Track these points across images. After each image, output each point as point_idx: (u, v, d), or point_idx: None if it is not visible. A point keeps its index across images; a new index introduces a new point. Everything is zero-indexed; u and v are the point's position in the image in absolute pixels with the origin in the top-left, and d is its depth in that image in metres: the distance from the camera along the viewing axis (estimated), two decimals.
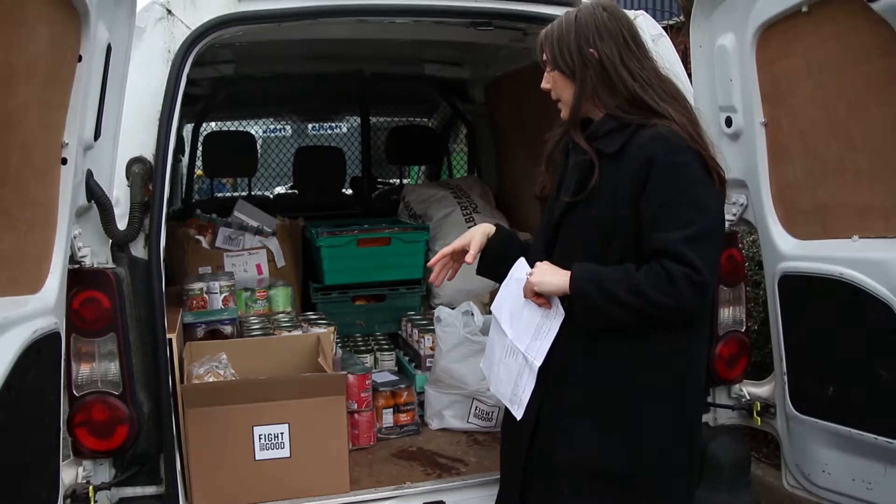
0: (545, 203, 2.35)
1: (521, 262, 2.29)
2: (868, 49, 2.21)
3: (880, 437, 2.36)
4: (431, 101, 5.87)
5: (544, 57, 2.22)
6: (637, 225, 2.05)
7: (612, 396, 2.11)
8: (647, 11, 3.18)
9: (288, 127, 7.39)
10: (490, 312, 4.03)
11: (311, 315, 3.59)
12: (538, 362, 2.18)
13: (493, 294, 4.14)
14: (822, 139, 2.43)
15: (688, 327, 2.12)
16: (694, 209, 2.01)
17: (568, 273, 2.10)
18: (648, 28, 2.91)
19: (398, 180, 6.23)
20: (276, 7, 2.69)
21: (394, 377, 3.49)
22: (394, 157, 5.95)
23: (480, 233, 2.45)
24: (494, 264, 2.46)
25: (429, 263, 2.62)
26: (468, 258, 2.41)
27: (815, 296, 2.53)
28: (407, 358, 3.75)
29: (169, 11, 2.59)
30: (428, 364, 3.52)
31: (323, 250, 3.91)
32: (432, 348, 3.49)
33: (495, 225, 2.51)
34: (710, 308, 2.29)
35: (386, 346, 3.73)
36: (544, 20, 2.82)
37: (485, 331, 3.37)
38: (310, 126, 7.38)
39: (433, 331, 3.44)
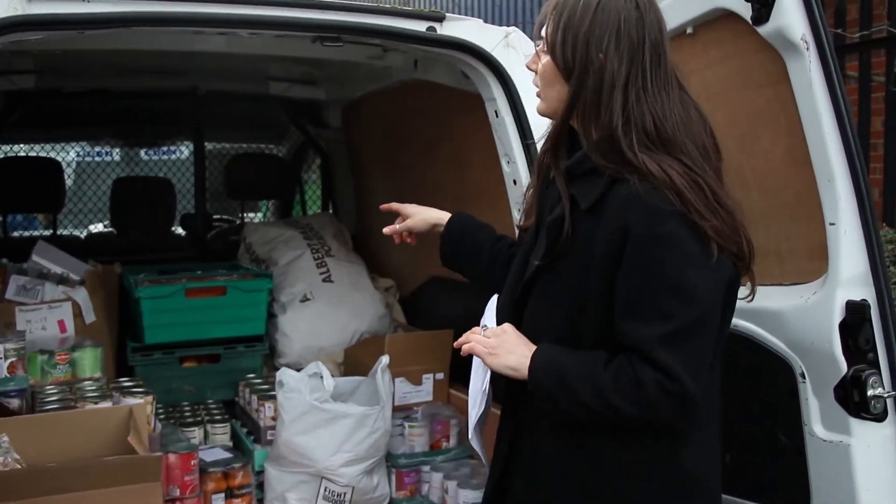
0: (525, 235, 2.23)
1: (493, 305, 2.26)
2: (757, 75, 2.32)
3: None
4: (279, 126, 5.82)
5: (543, 32, 2.01)
6: (612, 307, 1.89)
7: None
8: (528, 24, 3.23)
9: (115, 153, 7.15)
10: (344, 373, 4.00)
11: (126, 382, 3.43)
12: (471, 435, 2.18)
13: (347, 352, 4.12)
14: None
15: (677, 433, 1.96)
16: (676, 298, 1.82)
17: (529, 353, 1.98)
18: (521, 47, 2.96)
19: (240, 218, 6.11)
20: (76, 12, 2.55)
21: (227, 454, 3.37)
22: (234, 191, 5.84)
23: (423, 218, 2.54)
24: (455, 260, 2.51)
25: (383, 206, 2.69)
26: (386, 229, 2.55)
27: None
28: (245, 430, 3.65)
29: None
30: (269, 437, 3.43)
31: (143, 302, 3.78)
32: (274, 418, 3.40)
33: (455, 214, 2.53)
34: (716, 404, 2.07)
35: (219, 417, 3.62)
36: (404, 36, 2.83)
37: (336, 396, 3.31)
38: (143, 152, 7.16)
39: (276, 398, 3.34)
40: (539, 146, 2.29)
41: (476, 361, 2.18)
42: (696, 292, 1.82)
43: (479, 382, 2.18)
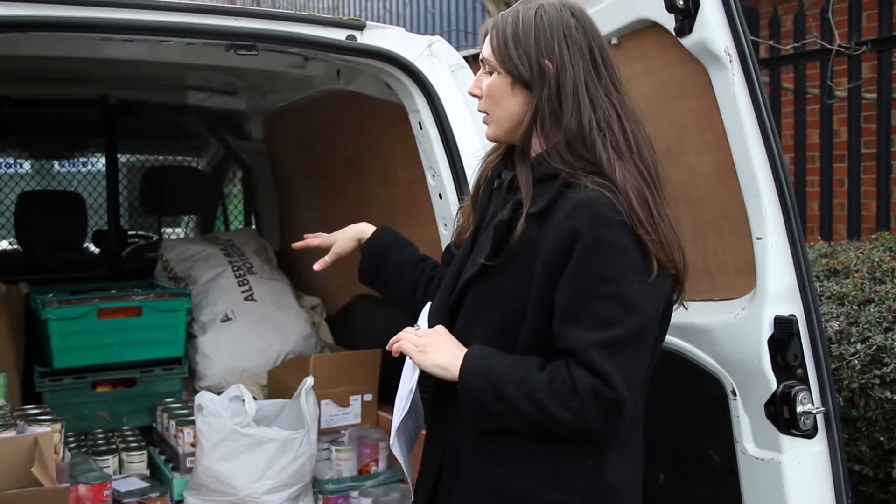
0: (458, 249, 2.27)
1: (427, 311, 2.26)
2: (682, 88, 2.37)
3: None
4: (198, 137, 5.78)
5: (487, 53, 2.05)
6: (551, 313, 1.93)
7: None
8: (450, 34, 3.27)
9: (21, 165, 6.99)
10: (268, 396, 3.98)
11: (32, 409, 3.37)
12: (392, 440, 2.18)
13: (271, 374, 4.11)
14: None
15: (600, 442, 2.00)
16: (617, 306, 1.87)
17: (461, 354, 2.00)
18: (446, 57, 2.99)
19: (157, 234, 6.05)
20: None
21: (144, 483, 3.36)
22: (151, 205, 5.78)
23: (347, 238, 2.52)
24: (375, 276, 2.50)
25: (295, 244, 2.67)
26: (315, 266, 2.47)
27: None
28: (163, 458, 3.63)
29: None
30: (189, 464, 3.41)
31: (51, 324, 3.73)
32: (193, 444, 3.38)
33: (382, 230, 2.53)
34: (639, 416, 2.11)
35: (135, 444, 3.60)
36: (322, 45, 2.84)
37: (259, 420, 3.30)
38: (52, 165, 7.03)
39: (195, 422, 3.32)
40: (473, 161, 2.34)
41: (407, 364, 2.19)
42: (637, 302, 1.88)
43: (406, 384, 2.18)
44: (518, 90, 2.01)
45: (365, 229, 2.54)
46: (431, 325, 2.19)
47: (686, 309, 2.12)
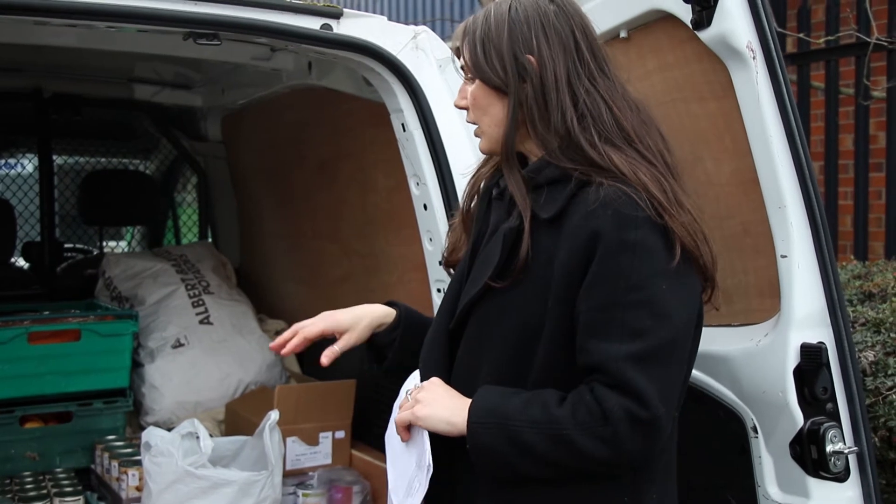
0: (453, 271, 2.28)
1: (415, 377, 2.22)
2: (699, 87, 2.42)
3: None
4: (147, 137, 5.79)
5: (461, 61, 2.13)
6: (572, 326, 1.94)
7: None
8: (436, 24, 3.30)
9: None
10: (226, 432, 3.99)
11: None
12: None
13: (229, 408, 4.12)
14: None
15: (633, 472, 2.00)
16: (647, 314, 1.89)
17: (465, 406, 2.00)
18: (433, 50, 3.02)
19: (98, 247, 6.05)
20: None
21: None
22: (91, 215, 5.78)
23: (365, 325, 2.36)
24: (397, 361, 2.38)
25: (273, 344, 2.45)
26: (324, 359, 2.32)
27: None
28: None
29: None
30: None
31: None
32: (139, 488, 3.39)
33: (393, 306, 2.41)
34: (673, 456, 2.12)
35: (69, 489, 3.59)
36: (293, 34, 2.87)
37: (216, 460, 3.31)
38: None
39: (141, 463, 3.33)
40: (463, 170, 2.35)
41: (396, 444, 2.18)
42: (670, 310, 1.91)
43: (411, 460, 2.14)
44: (499, 95, 2.06)
45: (385, 312, 2.42)
46: (428, 362, 2.19)
47: (718, 310, 2.13)
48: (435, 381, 2.10)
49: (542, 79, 2.01)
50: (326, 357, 2.33)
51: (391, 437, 2.23)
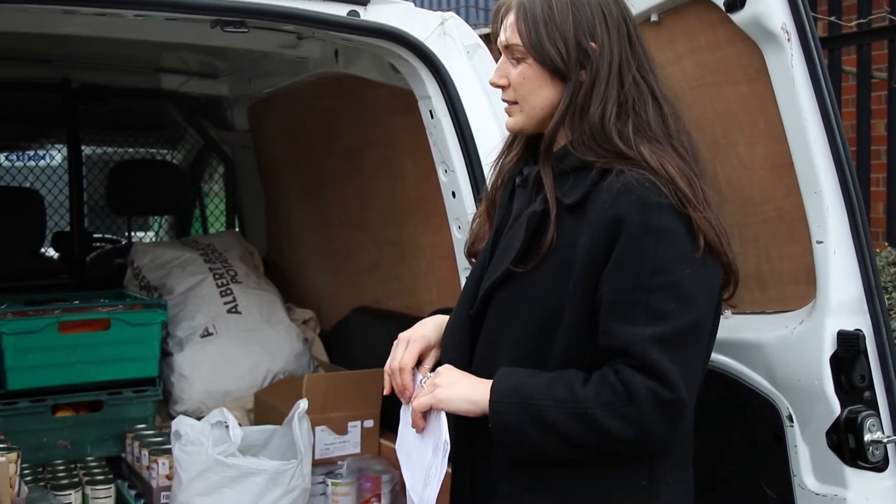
0: (476, 260, 2.29)
1: (418, 375, 2.22)
2: (732, 71, 2.38)
3: None
4: (174, 127, 5.81)
5: (516, 39, 2.07)
6: (593, 311, 1.97)
7: None
8: (464, 10, 3.27)
9: None
10: (255, 421, 3.99)
11: None
12: None
13: (258, 397, 4.13)
14: None
15: (650, 457, 2.04)
16: (671, 297, 1.91)
17: (487, 387, 2.01)
18: (461, 36, 3.00)
19: (126, 237, 6.08)
20: None
21: None
22: (119, 205, 5.81)
23: (435, 336, 2.27)
24: None
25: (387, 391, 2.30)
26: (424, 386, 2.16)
27: None
28: (133, 492, 3.63)
29: None
30: (164, 499, 3.41)
31: (5, 339, 3.73)
32: (170, 477, 3.39)
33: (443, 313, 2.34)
34: (691, 439, 2.17)
35: (101, 478, 3.58)
36: (320, 21, 2.86)
37: (245, 449, 3.31)
38: (3, 157, 7.07)
39: (171, 452, 3.33)
40: (490, 157, 2.35)
41: (409, 444, 2.18)
42: (693, 293, 1.93)
43: (427, 450, 2.13)
44: (555, 79, 2.05)
45: (442, 321, 2.32)
46: (449, 347, 2.20)
47: (734, 308, 2.14)
48: (449, 367, 2.11)
49: (599, 67, 2.02)
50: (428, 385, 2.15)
51: (402, 441, 2.25)
